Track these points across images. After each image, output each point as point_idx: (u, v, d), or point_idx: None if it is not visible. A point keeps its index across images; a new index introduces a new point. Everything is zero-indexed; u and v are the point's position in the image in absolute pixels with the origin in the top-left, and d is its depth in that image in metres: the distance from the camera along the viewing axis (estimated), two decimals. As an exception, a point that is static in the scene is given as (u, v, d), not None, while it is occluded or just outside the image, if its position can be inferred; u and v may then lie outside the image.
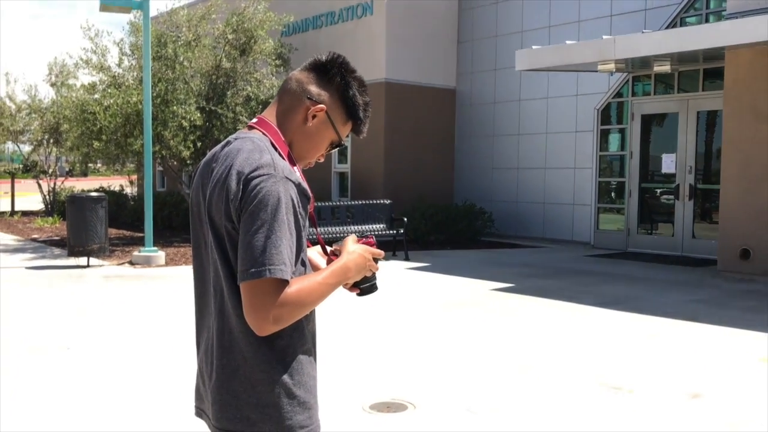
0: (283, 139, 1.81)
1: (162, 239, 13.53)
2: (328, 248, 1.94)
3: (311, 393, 1.78)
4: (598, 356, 5.82)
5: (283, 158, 1.76)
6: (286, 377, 1.72)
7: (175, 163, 13.73)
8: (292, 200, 1.67)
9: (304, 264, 1.79)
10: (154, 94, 12.10)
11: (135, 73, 12.93)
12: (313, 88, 1.84)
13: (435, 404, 4.64)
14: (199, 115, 12.47)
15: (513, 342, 6.27)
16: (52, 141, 19.10)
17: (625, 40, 10.12)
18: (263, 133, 1.80)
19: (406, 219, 12.15)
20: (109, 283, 9.21)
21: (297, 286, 1.65)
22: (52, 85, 18.57)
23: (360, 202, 12.39)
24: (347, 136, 1.93)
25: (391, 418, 4.41)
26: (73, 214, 10.54)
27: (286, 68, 14.79)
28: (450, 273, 10.06)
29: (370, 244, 1.88)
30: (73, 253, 10.61)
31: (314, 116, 1.83)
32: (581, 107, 13.67)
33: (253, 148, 1.72)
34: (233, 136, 1.82)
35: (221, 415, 1.73)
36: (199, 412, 1.89)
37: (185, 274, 10.01)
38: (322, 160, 1.95)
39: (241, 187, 1.66)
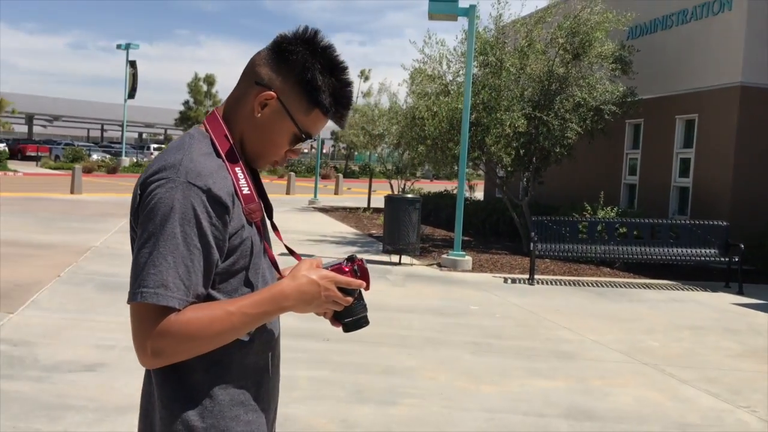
0: (225, 132, 1.50)
1: (483, 244, 13.96)
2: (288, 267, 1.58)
3: None
4: None
5: (220, 156, 1.46)
6: (193, 418, 1.42)
7: (501, 170, 13.74)
8: (194, 209, 1.36)
9: (250, 284, 1.48)
10: (478, 101, 12.21)
11: (462, 80, 13.19)
12: (264, 71, 1.50)
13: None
14: (524, 121, 12.22)
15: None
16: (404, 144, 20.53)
17: None
18: (206, 128, 1.52)
19: (743, 246, 10.36)
20: (405, 281, 9.50)
21: (192, 314, 1.35)
22: (411, 92, 19.97)
23: (687, 222, 10.92)
24: (322, 127, 1.54)
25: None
26: (389, 213, 11.14)
27: (627, 72, 13.77)
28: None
29: (341, 271, 1.47)
30: (385, 251, 11.20)
31: (265, 105, 1.49)
32: None
33: (175, 146, 1.47)
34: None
35: None
36: None
37: (484, 281, 9.90)
38: (294, 156, 1.56)
39: (139, 192, 1.43)
